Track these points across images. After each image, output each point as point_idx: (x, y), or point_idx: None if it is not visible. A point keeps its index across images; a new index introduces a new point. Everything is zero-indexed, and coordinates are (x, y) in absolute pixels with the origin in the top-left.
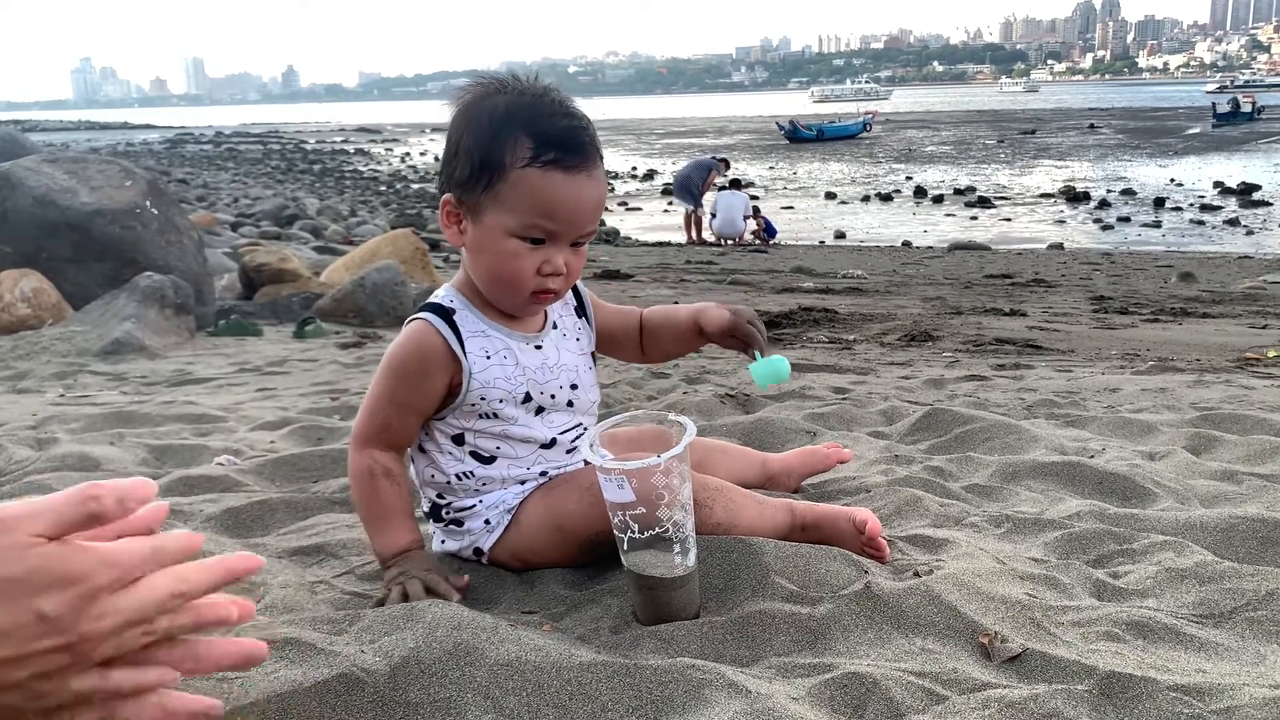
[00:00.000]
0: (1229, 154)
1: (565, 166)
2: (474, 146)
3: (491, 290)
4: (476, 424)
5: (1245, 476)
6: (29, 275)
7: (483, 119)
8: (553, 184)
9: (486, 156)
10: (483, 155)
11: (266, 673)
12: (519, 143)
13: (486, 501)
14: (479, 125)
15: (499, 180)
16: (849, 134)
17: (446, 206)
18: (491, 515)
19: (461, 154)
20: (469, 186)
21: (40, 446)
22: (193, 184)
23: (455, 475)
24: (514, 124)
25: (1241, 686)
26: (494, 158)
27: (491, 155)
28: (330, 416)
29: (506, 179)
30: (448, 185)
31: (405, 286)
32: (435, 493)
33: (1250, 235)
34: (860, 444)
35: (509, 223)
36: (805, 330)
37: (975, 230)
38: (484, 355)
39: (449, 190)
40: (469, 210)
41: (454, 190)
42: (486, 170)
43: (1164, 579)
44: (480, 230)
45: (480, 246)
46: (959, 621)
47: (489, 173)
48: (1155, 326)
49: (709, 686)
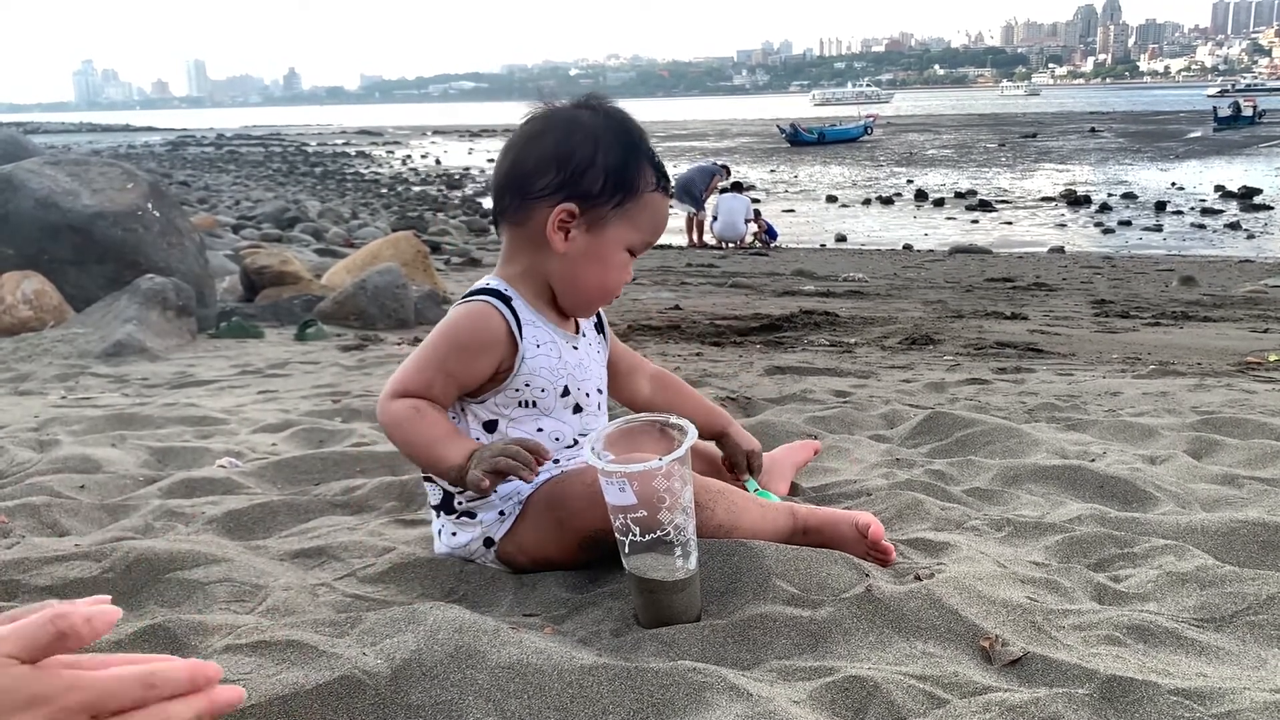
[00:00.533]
0: (1230, 158)
1: (665, 191)
2: (610, 168)
3: (581, 294)
4: (514, 411)
5: (1246, 480)
6: (31, 277)
7: (613, 143)
8: (663, 206)
9: (623, 177)
10: (619, 175)
11: (268, 675)
12: (646, 170)
13: (502, 491)
14: (611, 149)
15: (630, 200)
16: (850, 137)
17: (562, 215)
18: (506, 506)
19: (594, 172)
20: (597, 200)
21: (42, 448)
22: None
23: None
24: (641, 152)
25: (1242, 691)
26: (629, 179)
27: (627, 177)
28: (332, 419)
29: (638, 200)
30: (564, 195)
31: (406, 289)
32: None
33: (1251, 239)
34: (861, 447)
35: (631, 238)
36: (806, 333)
37: (976, 234)
38: (535, 343)
39: (570, 199)
40: (590, 222)
41: (577, 201)
42: (621, 190)
43: (1165, 583)
44: (597, 241)
45: (592, 255)
46: (960, 625)
47: (623, 192)
48: (1156, 330)
49: (710, 689)
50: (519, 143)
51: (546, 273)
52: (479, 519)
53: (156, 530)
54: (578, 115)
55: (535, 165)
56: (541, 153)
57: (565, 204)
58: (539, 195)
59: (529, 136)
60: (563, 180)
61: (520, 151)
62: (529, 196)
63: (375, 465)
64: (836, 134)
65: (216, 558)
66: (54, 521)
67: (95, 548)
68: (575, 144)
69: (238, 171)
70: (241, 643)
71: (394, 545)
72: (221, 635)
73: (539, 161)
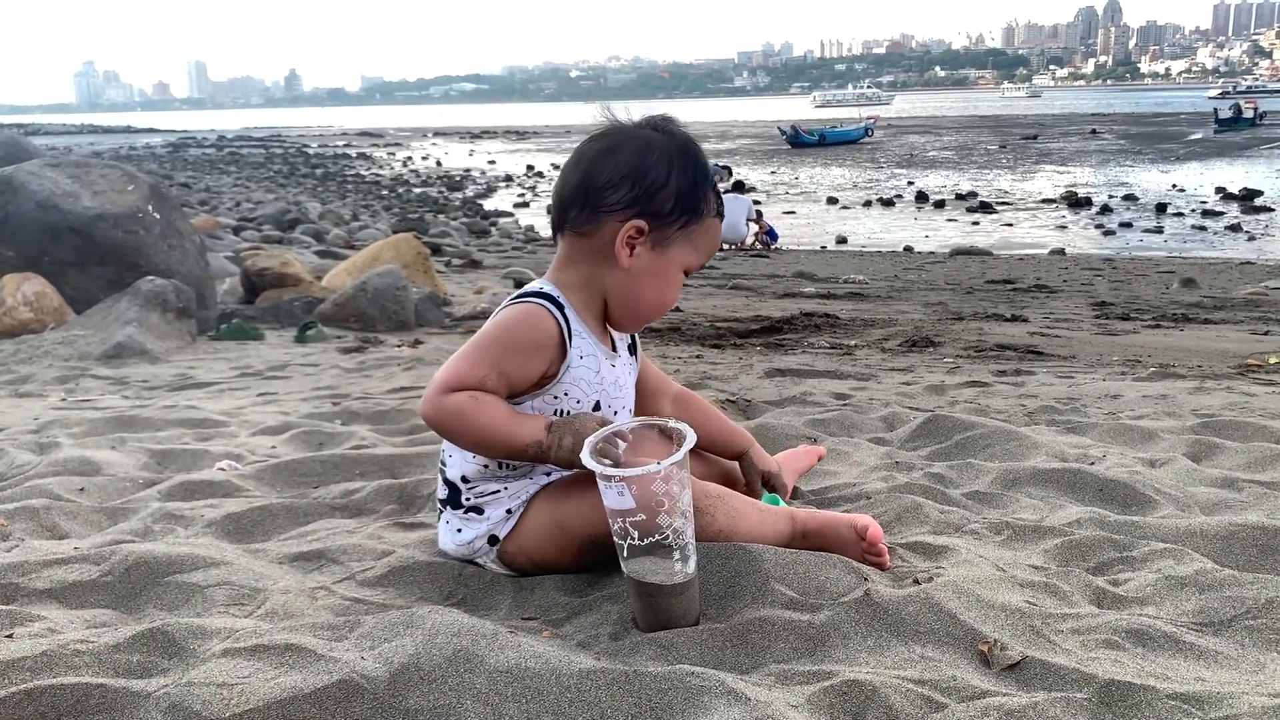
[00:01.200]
0: (1231, 159)
1: (722, 217)
2: (682, 191)
3: (638, 310)
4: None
5: (1246, 484)
6: (31, 279)
7: (685, 166)
8: (719, 233)
9: (691, 201)
10: (689, 201)
11: (266, 679)
12: (710, 195)
13: (511, 489)
14: (684, 173)
15: (695, 223)
16: (851, 139)
17: (631, 231)
18: (513, 505)
19: (667, 194)
20: (667, 220)
21: (42, 451)
22: (195, 188)
23: (496, 461)
24: (706, 178)
25: (1241, 695)
26: (696, 204)
27: (695, 201)
28: (332, 421)
29: (702, 224)
30: (635, 213)
31: (407, 291)
32: (462, 474)
33: (1252, 241)
34: (861, 450)
35: (691, 260)
36: (806, 335)
37: (977, 235)
38: (579, 354)
39: (640, 217)
40: (656, 240)
41: (648, 219)
42: (689, 212)
43: (1164, 587)
44: (662, 259)
45: (653, 273)
46: (958, 629)
47: (690, 215)
48: (1157, 332)
49: (708, 694)
50: (592, 155)
51: (605, 286)
52: (486, 515)
53: (155, 533)
54: (651, 136)
55: (609, 179)
56: (616, 168)
57: (636, 220)
58: (610, 209)
59: (602, 151)
60: (635, 197)
61: (593, 164)
62: (599, 209)
63: (375, 468)
64: (837, 136)
65: (215, 561)
66: (53, 524)
67: (94, 551)
68: (650, 164)
69: (238, 173)
70: (240, 646)
71: (393, 548)
72: (220, 639)
73: (613, 176)
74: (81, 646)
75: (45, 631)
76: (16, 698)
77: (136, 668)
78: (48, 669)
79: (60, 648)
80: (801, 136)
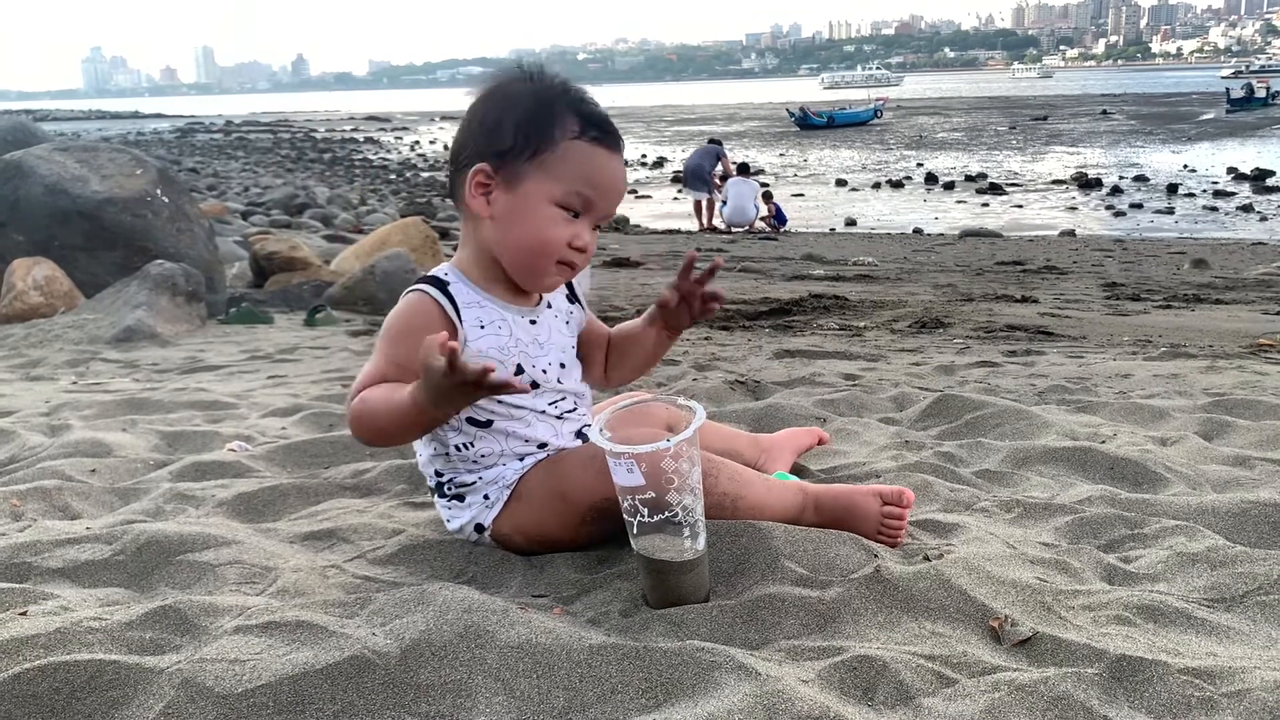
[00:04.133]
0: (1243, 139)
1: (608, 145)
2: (520, 120)
3: (516, 258)
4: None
5: (1257, 461)
6: (41, 263)
7: (524, 97)
8: (598, 157)
9: (534, 129)
10: (529, 128)
11: (278, 656)
12: (566, 118)
13: (486, 477)
14: (521, 102)
15: (546, 150)
16: (860, 121)
17: (478, 176)
18: (490, 491)
19: (504, 127)
20: (510, 156)
21: (53, 433)
22: (203, 173)
23: (454, 446)
24: (560, 102)
25: (1253, 670)
26: (542, 130)
27: (539, 127)
28: (341, 403)
29: (555, 149)
30: (479, 157)
31: (415, 274)
32: (435, 469)
33: (1264, 221)
34: (870, 430)
35: (554, 190)
36: (816, 317)
37: (986, 217)
38: (478, 325)
39: (481, 161)
40: (506, 179)
41: (490, 160)
42: (533, 141)
43: (1175, 563)
44: (517, 198)
45: (515, 214)
46: (969, 605)
47: (536, 143)
48: (1167, 313)
49: (719, 669)
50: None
51: (488, 245)
52: (468, 502)
53: (167, 513)
54: (507, 83)
55: (461, 137)
56: (466, 124)
57: (478, 165)
58: (462, 167)
59: (464, 116)
60: (476, 143)
61: (457, 133)
62: (458, 170)
63: (384, 449)
64: (846, 117)
65: (227, 540)
66: (65, 505)
67: (106, 530)
68: (488, 107)
69: (246, 158)
70: (252, 624)
71: (403, 527)
72: (232, 616)
73: (463, 132)
74: (94, 624)
75: (59, 609)
76: (31, 674)
77: (149, 644)
78: (61, 646)
79: (73, 625)
80: (810, 119)
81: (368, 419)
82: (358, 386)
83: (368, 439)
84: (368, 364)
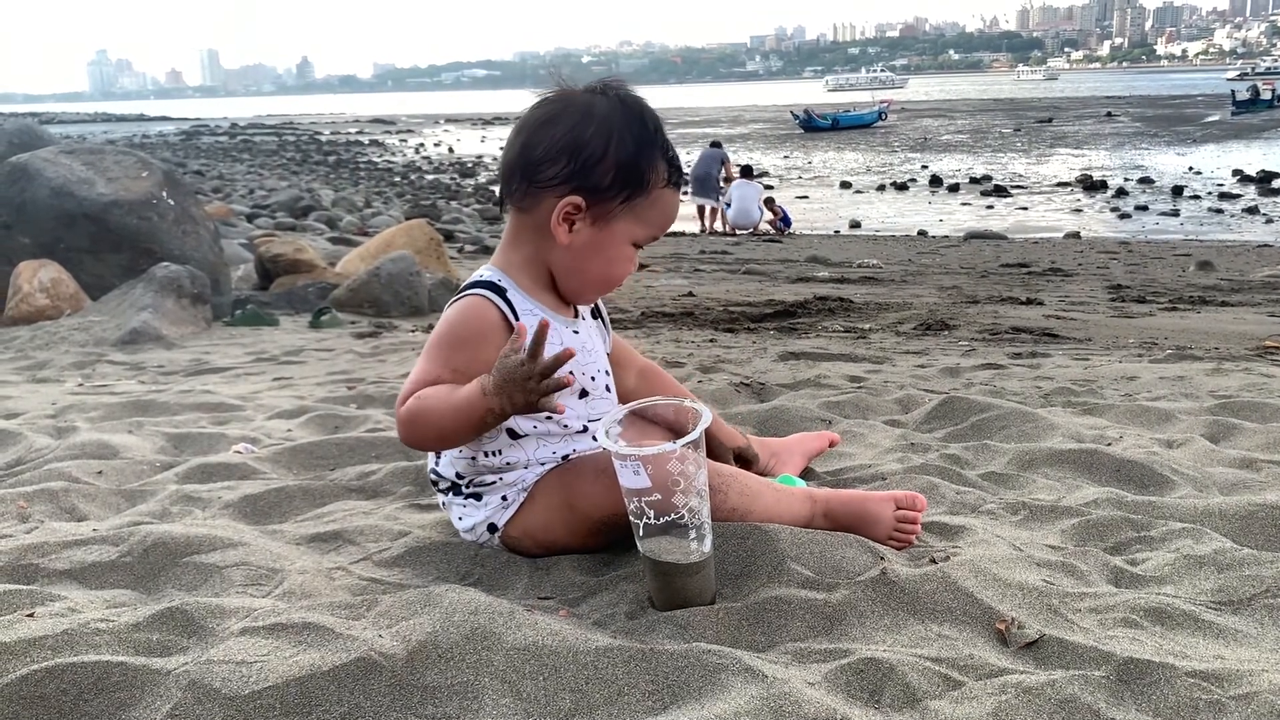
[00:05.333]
0: (1248, 141)
1: (679, 188)
2: (622, 162)
3: (581, 284)
4: None
5: (1264, 464)
6: (47, 266)
7: (625, 134)
8: (674, 202)
9: (633, 175)
10: (630, 173)
11: (285, 657)
12: (659, 166)
13: (507, 479)
14: (623, 143)
15: (640, 196)
16: (864, 123)
17: (567, 208)
18: (509, 492)
19: (605, 166)
20: (604, 195)
21: (60, 435)
22: (208, 175)
23: (483, 451)
24: (655, 147)
25: (1260, 673)
26: (640, 175)
27: (639, 174)
28: (347, 405)
29: (648, 196)
30: (570, 185)
31: (420, 277)
32: (456, 470)
33: (1270, 223)
34: (876, 432)
35: (638, 233)
36: (820, 319)
37: (991, 219)
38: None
39: (577, 192)
40: (595, 216)
41: (585, 194)
42: (631, 185)
43: (1182, 566)
44: (603, 235)
45: (596, 249)
46: (975, 608)
47: (633, 188)
48: (1173, 315)
49: (725, 671)
50: (530, 126)
51: (549, 261)
52: (484, 501)
53: (173, 515)
54: (593, 102)
55: (545, 153)
56: (552, 140)
57: (572, 196)
58: (547, 184)
59: (541, 121)
60: (572, 171)
61: (531, 136)
62: (536, 184)
63: (390, 450)
64: (851, 120)
65: (233, 542)
66: (72, 506)
67: (113, 532)
68: (588, 134)
69: (251, 160)
70: (258, 625)
71: (409, 529)
72: (238, 618)
73: (549, 149)
74: (101, 625)
75: (66, 611)
76: (39, 675)
77: (156, 646)
78: (68, 647)
79: (80, 626)
80: (815, 121)
81: (423, 419)
82: (410, 389)
83: (419, 439)
84: (419, 368)
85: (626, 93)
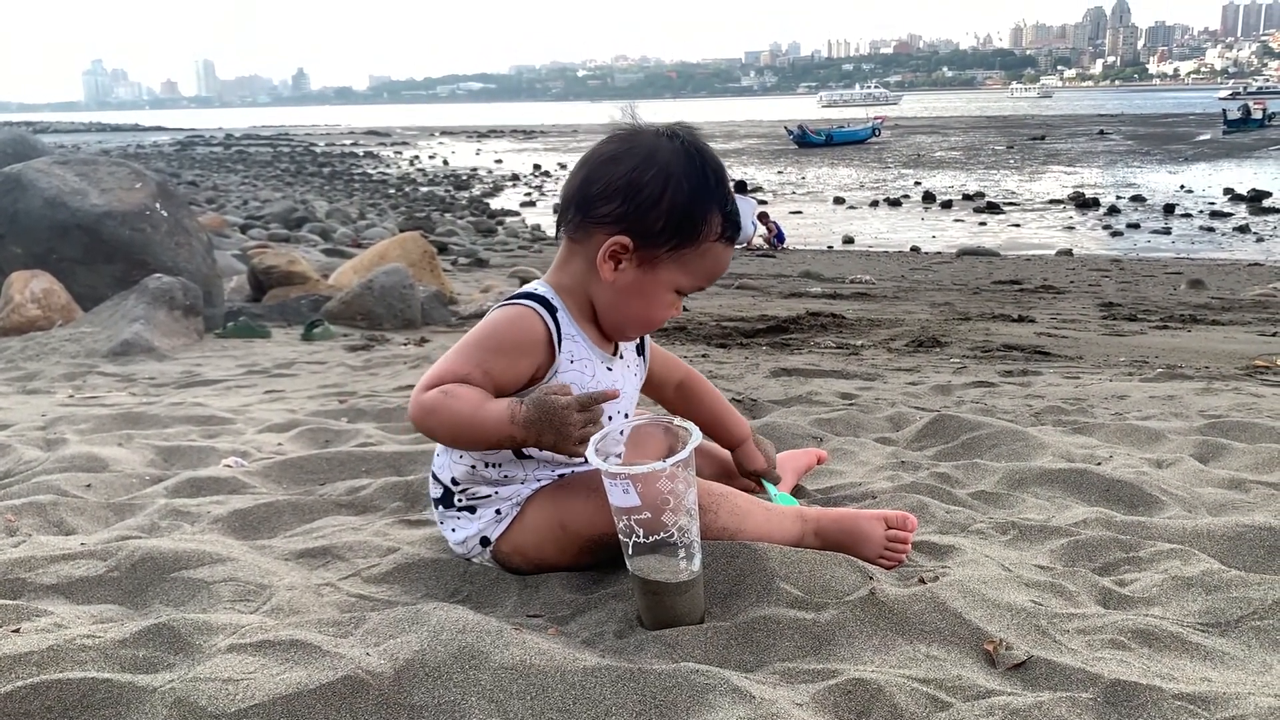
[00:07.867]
0: (1240, 161)
1: (733, 241)
2: (674, 211)
3: (622, 321)
4: None
5: (1253, 485)
6: (39, 276)
7: (683, 184)
8: (725, 255)
9: (685, 223)
10: (682, 224)
11: (272, 675)
12: (714, 220)
13: (503, 493)
14: (680, 191)
15: (688, 246)
16: (858, 139)
17: (614, 247)
18: (503, 506)
19: (658, 211)
20: (653, 240)
21: (49, 447)
22: (202, 186)
23: (483, 463)
24: (712, 200)
25: (1247, 695)
26: (692, 228)
27: (690, 226)
28: (338, 419)
29: (698, 248)
30: (621, 226)
31: (413, 289)
32: (453, 475)
33: (1261, 242)
34: (866, 450)
35: (682, 281)
36: (812, 335)
37: (984, 236)
38: (569, 358)
39: (627, 233)
40: (642, 259)
41: (634, 236)
42: (681, 235)
43: (1170, 587)
44: (646, 280)
45: (638, 291)
46: (964, 628)
47: (682, 238)
48: (1164, 333)
49: (713, 691)
50: (594, 161)
51: (592, 293)
52: (478, 514)
53: (162, 529)
54: (658, 146)
55: (602, 190)
56: (611, 178)
57: (620, 236)
58: (599, 221)
59: (605, 158)
60: (625, 212)
61: (593, 171)
62: (590, 218)
63: (381, 465)
64: (844, 136)
65: (221, 557)
66: (60, 520)
67: (101, 546)
68: (647, 178)
69: (246, 171)
70: (245, 642)
71: (399, 545)
72: (226, 635)
73: (607, 187)
74: (88, 641)
75: (52, 626)
76: (23, 692)
77: (142, 663)
78: (54, 664)
79: (66, 643)
80: (808, 136)
81: (442, 415)
82: (435, 378)
83: (428, 429)
84: (450, 359)
85: (694, 140)
